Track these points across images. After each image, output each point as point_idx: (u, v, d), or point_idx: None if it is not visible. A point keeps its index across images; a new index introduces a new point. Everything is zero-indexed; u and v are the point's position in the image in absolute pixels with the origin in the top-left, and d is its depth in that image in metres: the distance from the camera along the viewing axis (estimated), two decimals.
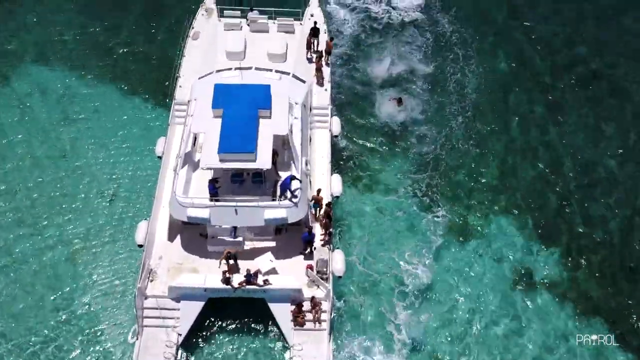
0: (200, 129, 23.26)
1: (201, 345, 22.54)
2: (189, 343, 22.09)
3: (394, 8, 36.90)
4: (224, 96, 23.00)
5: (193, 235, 23.93)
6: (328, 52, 28.87)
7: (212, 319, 23.15)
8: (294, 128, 23.89)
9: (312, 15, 30.92)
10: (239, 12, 29.53)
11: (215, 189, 22.14)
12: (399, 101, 30.84)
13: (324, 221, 23.53)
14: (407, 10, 36.71)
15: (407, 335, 23.06)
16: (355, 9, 36.78)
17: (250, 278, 21.90)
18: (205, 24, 30.24)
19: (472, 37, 35.18)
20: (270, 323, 22.79)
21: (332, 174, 25.34)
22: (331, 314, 22.24)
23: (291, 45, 28.31)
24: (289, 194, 22.00)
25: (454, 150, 29.50)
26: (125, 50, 33.44)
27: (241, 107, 22.69)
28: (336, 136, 27.32)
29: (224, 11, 29.65)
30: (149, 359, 21.28)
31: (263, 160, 21.98)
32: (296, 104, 24.89)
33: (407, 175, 28.30)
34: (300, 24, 30.22)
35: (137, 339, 21.91)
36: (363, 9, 36.77)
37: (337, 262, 22.99)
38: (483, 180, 28.46)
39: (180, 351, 21.93)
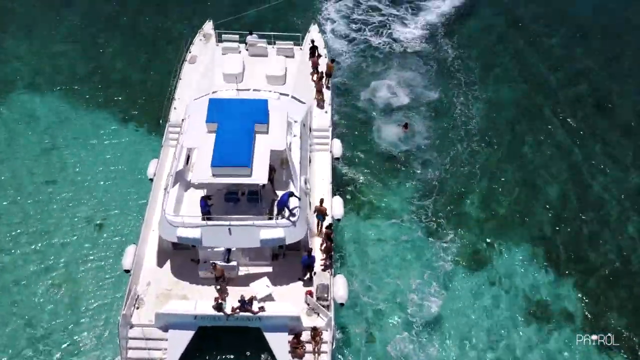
0: (193, 144, 22.12)
1: None
2: None
3: (394, 40, 36.45)
4: (218, 110, 21.97)
5: (184, 260, 22.43)
6: (329, 75, 28.16)
7: (203, 350, 21.41)
8: (292, 145, 22.80)
9: (312, 41, 30.34)
10: (237, 36, 28.89)
11: (207, 207, 20.75)
12: (405, 126, 30.26)
13: (324, 245, 22.06)
14: (409, 41, 36.41)
15: None
16: (354, 39, 36.51)
17: (245, 304, 20.25)
18: (202, 48, 29.65)
19: (475, 64, 34.94)
20: (266, 355, 21.09)
21: (333, 197, 23.95)
22: (333, 345, 20.46)
23: (290, 69, 27.59)
24: (287, 213, 20.59)
25: (460, 176, 28.53)
26: (118, 77, 32.94)
27: (237, 121, 21.63)
28: (337, 158, 26.23)
29: (222, 35, 29.04)
30: None
31: (259, 175, 20.72)
32: (295, 122, 23.88)
33: (412, 201, 27.21)
34: (300, 49, 29.60)
35: None
36: (362, 39, 36.51)
37: (339, 288, 21.40)
38: (491, 208, 27.38)
39: None
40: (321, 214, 22.44)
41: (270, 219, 20.86)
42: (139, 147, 28.72)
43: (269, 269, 22.19)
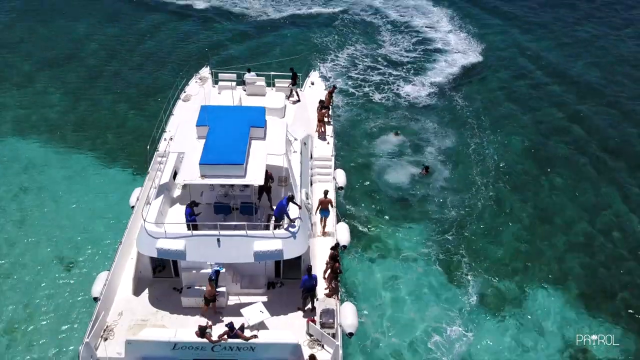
0: (180, 149, 19.87)
1: None
2: None
3: (398, 95, 35.84)
4: (211, 115, 19.95)
5: (165, 289, 19.47)
6: (328, 104, 26.80)
7: None
8: (292, 158, 20.61)
9: (312, 84, 29.38)
10: (235, 75, 27.76)
11: (193, 216, 18.09)
12: (426, 169, 29.21)
13: (328, 271, 19.13)
14: (414, 96, 35.99)
15: None
16: (353, 94, 36.15)
17: (234, 330, 16.96)
18: (198, 89, 28.36)
19: (485, 114, 34.40)
20: None
21: (337, 223, 21.41)
22: None
23: (289, 104, 26.24)
24: (286, 221, 17.95)
25: (477, 216, 26.75)
26: (104, 125, 32.15)
27: (230, 124, 19.57)
28: (341, 188, 23.96)
29: (219, 75, 27.86)
30: None
31: (254, 176, 18.37)
32: (295, 139, 21.89)
33: (428, 241, 25.31)
34: (301, 90, 28.41)
35: None
36: (362, 94, 36.07)
37: (348, 315, 18.32)
38: (510, 246, 25.53)
39: None
40: (325, 208, 20.03)
41: (267, 228, 18.15)
42: (123, 190, 26.41)
43: (264, 299, 19.09)
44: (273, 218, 18.56)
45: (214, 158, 18.21)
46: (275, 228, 18.30)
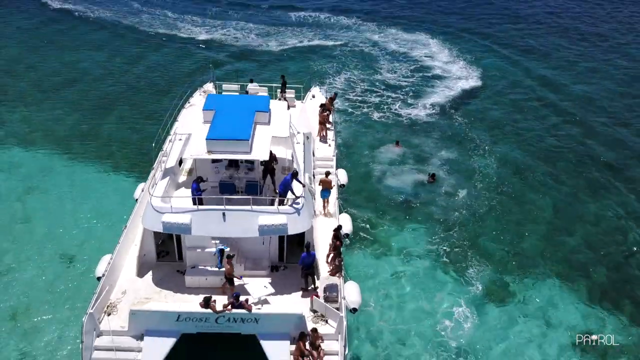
0: (187, 131, 20.54)
1: None
2: None
3: (398, 115, 36.83)
4: (217, 101, 20.83)
5: (168, 271, 19.74)
6: (330, 109, 27.73)
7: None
8: (296, 147, 21.25)
9: (313, 96, 30.38)
10: (238, 86, 28.77)
11: (199, 192, 18.57)
12: (432, 177, 29.79)
13: (331, 254, 19.46)
14: (415, 115, 36.98)
15: None
16: (352, 113, 36.98)
17: (239, 301, 17.18)
18: (202, 100, 29.34)
19: (486, 129, 35.54)
20: None
21: (340, 214, 21.92)
22: (345, 350, 16.96)
23: (292, 113, 27.23)
24: (290, 196, 18.45)
25: (481, 217, 27.29)
26: (109, 137, 33.02)
27: (236, 108, 20.36)
28: (343, 185, 24.51)
29: (223, 85, 28.89)
30: None
31: (260, 152, 18.97)
32: (298, 133, 22.62)
33: (433, 238, 25.73)
34: (302, 102, 29.40)
35: None
36: (362, 113, 36.99)
37: (352, 292, 18.54)
38: (511, 246, 25.72)
39: None
40: (326, 188, 20.55)
41: (272, 204, 18.63)
42: (125, 196, 26.71)
43: (267, 280, 19.31)
44: (279, 191, 19.01)
45: (220, 134, 18.86)
46: (280, 204, 18.77)
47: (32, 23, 50.61)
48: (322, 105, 27.57)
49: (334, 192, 22.11)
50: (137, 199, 22.54)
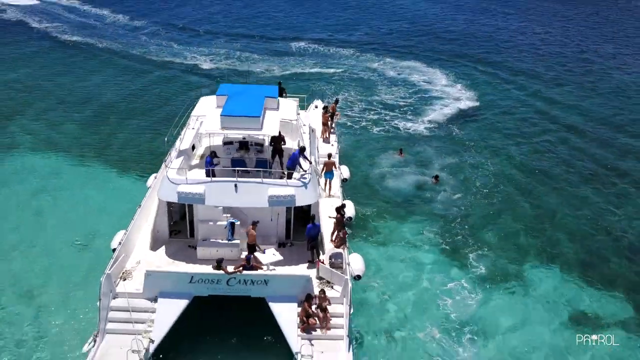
0: (201, 113, 21.99)
1: (179, 353, 17.72)
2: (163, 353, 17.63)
3: (397, 128, 38.42)
4: (229, 88, 22.42)
5: (181, 246, 20.86)
6: (332, 114, 29.23)
7: (195, 326, 18.90)
8: (302, 135, 22.70)
9: (316, 107, 31.99)
10: None
11: (213, 165, 19.90)
12: (436, 178, 31.11)
13: (335, 233, 20.65)
14: (414, 129, 38.50)
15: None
16: (351, 127, 38.29)
17: (250, 262, 18.27)
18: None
19: (481, 138, 37.40)
20: (272, 331, 18.28)
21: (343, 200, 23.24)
22: (350, 309, 17.96)
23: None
24: (298, 169, 19.79)
25: (483, 215, 28.39)
26: (118, 143, 34.57)
27: (247, 94, 21.95)
28: (345, 179, 25.83)
29: None
30: None
31: (270, 128, 20.38)
32: (304, 125, 24.11)
33: (435, 229, 26.87)
34: (305, 111, 31.03)
35: (93, 344, 17.13)
36: (361, 127, 38.29)
37: (356, 261, 19.67)
38: (509, 237, 26.73)
39: None
40: (329, 170, 21.73)
41: (281, 178, 19.93)
42: (132, 194, 27.71)
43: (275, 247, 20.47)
44: (287, 163, 20.33)
45: (233, 111, 20.39)
46: (288, 177, 20.06)
47: (48, 56, 52.87)
48: (325, 108, 29.18)
49: (336, 181, 23.27)
50: (149, 187, 23.80)
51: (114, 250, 19.64)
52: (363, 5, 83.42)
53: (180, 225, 21.82)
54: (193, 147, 22.84)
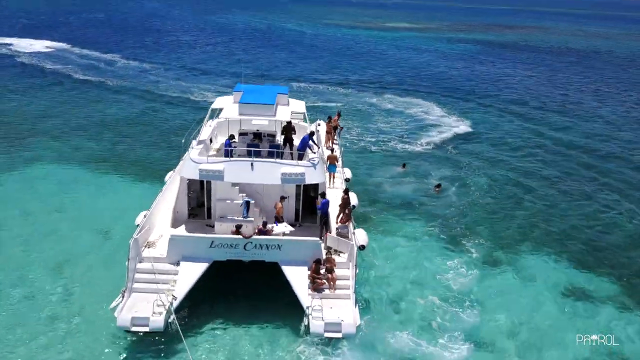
0: (219, 106, 24.39)
1: (200, 310, 19.45)
2: (184, 309, 19.38)
3: (394, 149, 40.83)
4: (245, 87, 24.95)
5: (199, 225, 22.76)
6: (335, 126, 31.52)
7: (215, 289, 20.62)
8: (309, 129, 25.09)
9: (319, 125, 34.41)
10: None
11: (231, 147, 22.17)
12: (438, 186, 33.13)
13: (341, 215, 22.65)
14: (411, 149, 40.95)
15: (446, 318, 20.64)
16: (349, 147, 40.44)
17: (265, 227, 20.34)
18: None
19: (479, 155, 39.94)
20: (284, 293, 20.01)
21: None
22: (355, 270, 19.82)
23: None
24: (308, 152, 22.04)
25: (482, 217, 30.16)
26: (133, 158, 36.65)
27: (262, 89, 24.60)
28: (348, 179, 27.97)
29: None
30: (132, 318, 18.25)
31: (283, 115, 22.75)
32: (311, 124, 26.53)
33: (434, 224, 28.57)
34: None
35: (121, 299, 18.90)
36: (360, 147, 40.66)
37: (360, 234, 21.58)
38: (507, 231, 28.64)
39: (172, 316, 18.58)
40: (332, 164, 23.69)
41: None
42: (144, 197, 28.39)
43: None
44: (298, 146, 22.56)
45: (250, 99, 22.87)
46: (299, 159, 22.29)
47: (63, 87, 56.15)
48: (329, 117, 31.66)
49: (339, 167, 25.47)
50: (167, 180, 25.96)
51: (137, 226, 21.55)
52: (357, 54, 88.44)
53: (197, 211, 23.84)
54: (210, 140, 25.18)
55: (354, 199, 24.87)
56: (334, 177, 25.63)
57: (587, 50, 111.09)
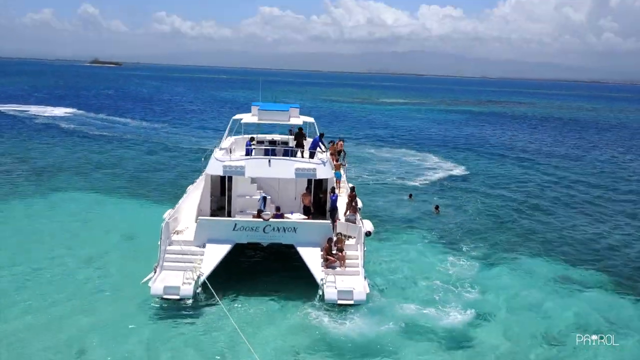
0: (239, 117, 27.00)
1: (224, 286, 20.92)
2: (211, 282, 20.57)
3: (389, 183, 42.98)
4: (260, 102, 27.72)
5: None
6: (340, 150, 33.87)
7: (237, 269, 22.20)
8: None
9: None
10: None
11: (251, 147, 24.59)
12: (436, 208, 35.14)
13: (349, 208, 24.63)
14: (406, 183, 43.03)
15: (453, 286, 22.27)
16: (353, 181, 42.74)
17: (280, 210, 22.48)
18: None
19: (476, 188, 42.37)
20: (299, 272, 21.65)
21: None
22: (364, 248, 21.70)
23: None
24: (319, 152, 24.40)
25: (474, 227, 31.99)
26: (150, 188, 38.54)
27: (276, 104, 27.24)
28: (353, 188, 29.97)
29: None
30: (164, 287, 19.88)
31: (295, 120, 25.29)
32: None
33: (433, 233, 30.19)
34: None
35: (154, 274, 20.66)
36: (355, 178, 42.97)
37: (367, 223, 23.51)
38: (504, 241, 29.95)
39: (200, 289, 20.31)
40: (337, 169, 25.98)
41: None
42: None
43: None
44: (310, 147, 24.96)
45: (267, 107, 25.67)
46: (310, 157, 24.66)
47: (80, 139, 58.72)
48: (331, 142, 34.14)
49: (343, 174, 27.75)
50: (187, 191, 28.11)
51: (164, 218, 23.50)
52: (353, 119, 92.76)
53: (217, 214, 25.80)
54: (230, 151, 27.57)
55: (359, 202, 26.84)
56: (339, 184, 27.78)
57: (565, 119, 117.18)
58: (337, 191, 27.39)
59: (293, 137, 27.00)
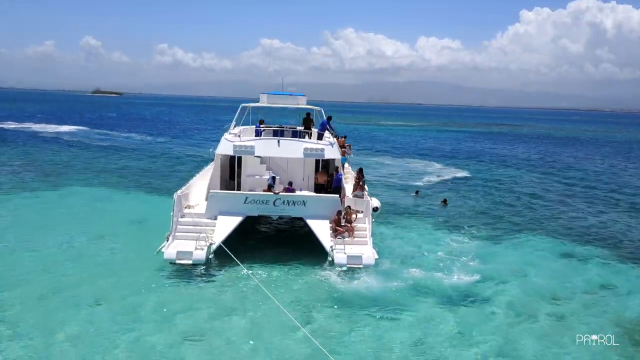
0: (249, 104, 27.88)
1: (236, 253, 21.32)
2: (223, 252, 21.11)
3: (400, 186, 43.66)
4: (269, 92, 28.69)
5: None
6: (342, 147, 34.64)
7: (247, 241, 22.73)
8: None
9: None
10: None
11: (260, 129, 25.34)
12: (444, 202, 35.90)
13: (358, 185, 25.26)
14: (414, 185, 43.70)
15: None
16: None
17: (291, 185, 23.10)
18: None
19: (479, 186, 43.79)
20: (309, 242, 22.25)
21: None
22: (372, 220, 22.33)
23: None
24: (327, 134, 25.19)
25: (478, 217, 32.65)
26: (154, 184, 39.51)
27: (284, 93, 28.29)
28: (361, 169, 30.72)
29: None
30: (177, 252, 20.45)
31: (302, 103, 26.13)
32: None
33: (438, 221, 30.75)
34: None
35: (166, 242, 21.22)
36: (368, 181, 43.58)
37: (373, 199, 24.14)
38: (508, 232, 30.18)
39: (212, 256, 20.89)
40: (343, 155, 26.85)
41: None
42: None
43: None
44: (318, 129, 25.72)
45: (277, 93, 26.53)
46: (318, 138, 25.40)
47: (85, 147, 59.51)
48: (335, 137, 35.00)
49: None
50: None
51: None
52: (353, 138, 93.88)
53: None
54: (239, 136, 28.35)
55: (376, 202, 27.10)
56: (344, 168, 28.41)
57: (565, 138, 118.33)
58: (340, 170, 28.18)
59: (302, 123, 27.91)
